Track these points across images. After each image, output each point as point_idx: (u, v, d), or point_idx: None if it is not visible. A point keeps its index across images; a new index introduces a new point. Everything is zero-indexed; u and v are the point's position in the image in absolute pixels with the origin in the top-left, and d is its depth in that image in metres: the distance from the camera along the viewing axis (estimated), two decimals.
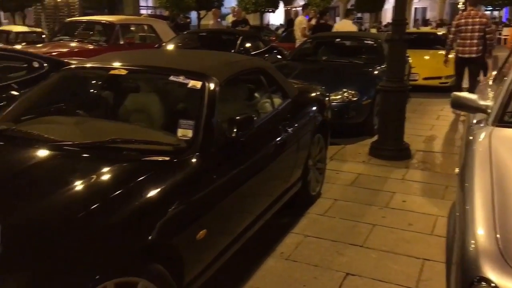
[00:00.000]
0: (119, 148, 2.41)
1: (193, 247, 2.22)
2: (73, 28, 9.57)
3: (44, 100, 3.26)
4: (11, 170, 2.30)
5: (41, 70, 4.68)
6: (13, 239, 1.72)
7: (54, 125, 2.77)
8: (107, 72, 3.08)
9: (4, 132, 2.67)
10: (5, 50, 4.92)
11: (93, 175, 2.16)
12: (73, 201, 1.98)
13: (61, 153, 2.39)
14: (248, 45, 8.42)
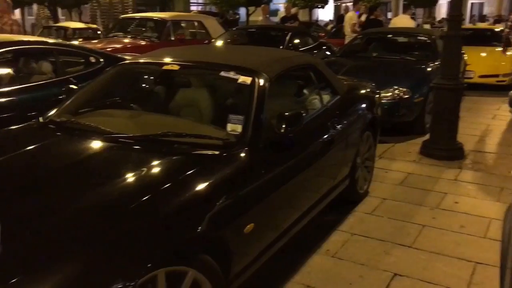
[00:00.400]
0: (171, 141, 2.48)
1: (241, 240, 2.25)
2: (126, 25, 9.88)
3: (100, 94, 3.38)
4: (69, 159, 2.42)
5: (98, 65, 4.86)
6: (70, 226, 1.81)
7: (109, 118, 2.88)
8: (160, 67, 3.17)
9: (63, 124, 2.80)
10: (64, 45, 5.13)
11: (145, 167, 2.24)
12: (127, 192, 2.06)
13: (116, 144, 2.49)
14: (297, 41, 8.39)
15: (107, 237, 1.76)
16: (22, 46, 4.56)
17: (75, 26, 12.10)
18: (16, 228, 1.80)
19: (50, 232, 1.78)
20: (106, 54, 5.27)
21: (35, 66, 4.59)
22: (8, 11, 6.65)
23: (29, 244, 1.72)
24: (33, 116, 3.64)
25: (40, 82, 4.40)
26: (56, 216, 1.88)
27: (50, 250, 1.70)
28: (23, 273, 1.58)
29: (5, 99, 3.94)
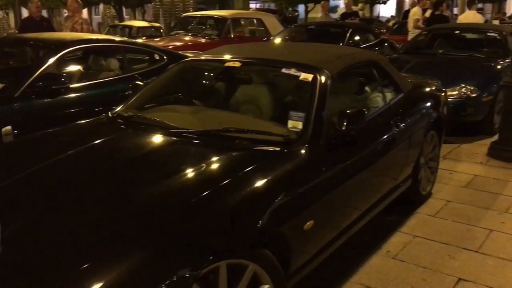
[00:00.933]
0: (232, 137, 2.51)
1: (301, 237, 2.25)
2: (188, 23, 10.11)
3: (164, 90, 3.49)
4: (135, 153, 2.52)
5: (161, 62, 5.01)
6: (135, 217, 1.88)
7: (173, 113, 2.96)
8: (222, 64, 3.22)
9: (130, 118, 2.91)
10: (131, 43, 5.34)
11: (208, 161, 2.29)
12: (190, 186, 2.12)
13: (180, 139, 2.56)
14: (357, 38, 8.23)
15: (170, 229, 1.81)
16: (91, 44, 4.79)
17: (139, 25, 12.55)
18: (85, 218, 1.90)
19: (117, 222, 1.86)
20: (169, 52, 5.42)
21: (103, 63, 4.80)
22: (79, 11, 7.02)
23: (98, 233, 1.80)
24: (100, 111, 3.84)
25: (108, 78, 4.59)
26: (123, 207, 1.96)
27: (117, 238, 1.77)
28: (92, 260, 1.66)
29: (75, 95, 4.14)
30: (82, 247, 1.74)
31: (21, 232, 1.85)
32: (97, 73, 4.74)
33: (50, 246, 1.77)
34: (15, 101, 3.72)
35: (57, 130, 2.96)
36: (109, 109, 3.14)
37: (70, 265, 1.66)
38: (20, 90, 3.77)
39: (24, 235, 1.84)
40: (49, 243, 1.79)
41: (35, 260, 1.71)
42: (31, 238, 1.82)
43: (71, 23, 6.93)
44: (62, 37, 4.79)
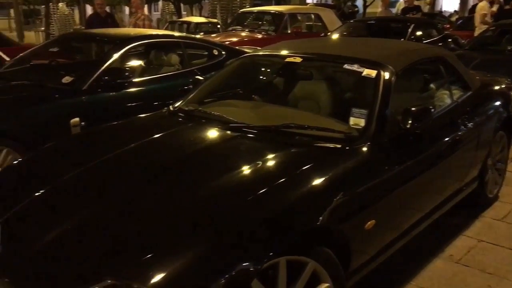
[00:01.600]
0: (292, 133, 2.50)
1: (361, 236, 2.20)
2: (245, 19, 10.16)
3: (224, 84, 3.52)
4: (195, 146, 2.55)
5: (220, 58, 5.06)
6: (195, 211, 1.90)
7: (233, 108, 2.98)
8: (283, 59, 3.20)
9: (191, 113, 2.96)
10: (191, 39, 5.43)
11: (268, 156, 2.28)
12: (250, 180, 2.12)
13: (239, 134, 2.57)
14: (419, 33, 7.95)
15: (230, 224, 1.82)
16: (153, 39, 4.91)
17: (197, 21, 12.75)
18: (147, 209, 1.95)
19: (179, 214, 1.89)
20: (228, 47, 5.47)
21: (164, 58, 4.91)
22: (142, 8, 7.24)
23: (160, 225, 1.84)
24: (159, 105, 3.94)
25: (168, 73, 4.70)
26: (184, 200, 1.99)
27: (179, 231, 1.80)
28: (154, 251, 1.70)
29: (137, 89, 4.26)
30: (145, 238, 1.79)
31: (86, 222, 1.92)
32: (158, 68, 4.86)
33: (113, 235, 1.83)
34: (82, 94, 3.88)
35: (120, 123, 3.05)
36: (169, 103, 3.21)
37: (133, 254, 1.71)
38: (87, 83, 3.93)
39: (89, 225, 1.91)
40: (112, 232, 1.85)
41: (99, 248, 1.77)
42: (96, 228, 1.89)
43: (134, 19, 7.17)
44: (127, 33, 4.95)
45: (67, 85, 3.94)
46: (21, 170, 2.57)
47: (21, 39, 17.76)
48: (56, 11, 17.48)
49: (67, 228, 1.89)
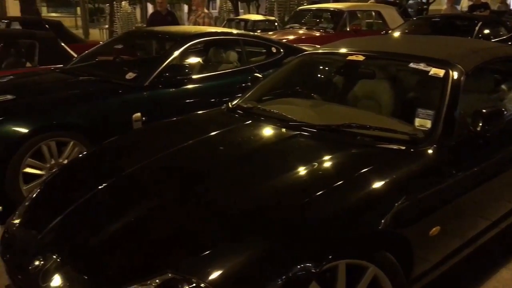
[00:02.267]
0: (354, 133, 2.44)
1: (425, 243, 2.12)
2: (302, 16, 10.08)
3: (283, 82, 3.50)
4: (254, 144, 2.56)
5: (278, 55, 5.04)
6: (253, 209, 1.89)
7: (292, 106, 2.95)
8: (344, 57, 3.13)
9: (249, 110, 2.96)
10: (250, 36, 5.45)
11: (328, 156, 2.25)
12: (310, 181, 2.09)
13: (299, 132, 2.53)
14: (487, 31, 7.57)
15: (289, 224, 1.80)
16: (213, 37, 4.97)
17: (255, 18, 12.80)
18: (205, 206, 1.97)
19: (237, 213, 1.90)
20: (286, 45, 5.44)
21: (223, 55, 4.95)
22: (202, 5, 7.34)
23: (219, 222, 1.86)
24: (217, 102, 3.98)
25: (227, 70, 4.74)
26: (242, 198, 2.00)
27: (237, 229, 1.81)
28: (213, 248, 1.72)
29: (196, 85, 4.32)
30: (205, 234, 1.81)
31: (148, 215, 1.96)
32: (217, 65, 4.91)
33: (174, 229, 1.87)
34: (144, 90, 3.99)
35: (179, 120, 3.10)
36: (227, 100, 3.23)
37: (193, 250, 1.73)
38: (149, 79, 4.03)
39: (150, 218, 1.95)
40: (173, 226, 1.88)
41: (160, 241, 1.81)
42: (157, 221, 1.93)
43: (194, 17, 7.28)
44: (187, 31, 5.03)
45: (130, 81, 4.07)
46: (86, 163, 2.67)
47: (87, 36, 18.60)
48: (119, 10, 18.16)
49: (130, 220, 1.94)
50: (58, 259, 1.86)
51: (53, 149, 3.50)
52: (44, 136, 3.42)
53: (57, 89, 4.04)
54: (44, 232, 2.01)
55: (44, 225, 2.05)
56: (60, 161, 3.53)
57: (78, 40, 9.06)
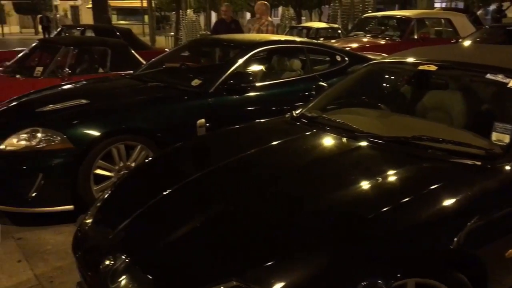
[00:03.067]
0: (424, 146, 2.34)
1: (500, 265, 1.99)
2: (367, 24, 9.91)
3: (349, 92, 3.44)
4: (318, 154, 2.53)
5: (343, 64, 4.97)
6: (319, 220, 1.86)
7: (358, 116, 2.89)
8: (415, 67, 3.03)
9: (314, 119, 2.92)
10: (314, 44, 5.41)
11: (396, 170, 2.17)
12: (377, 194, 2.03)
13: (366, 144, 2.47)
14: None
15: (356, 238, 1.76)
16: (278, 45, 4.98)
17: (318, 26, 12.74)
18: (269, 215, 1.96)
19: (302, 223, 1.87)
20: (351, 53, 5.35)
21: (286, 63, 4.95)
22: (266, 13, 7.40)
23: (284, 232, 1.84)
24: (281, 110, 3.97)
25: (290, 78, 4.73)
26: (307, 208, 1.97)
27: (303, 239, 1.78)
28: (278, 258, 1.70)
29: (259, 93, 4.33)
30: (270, 243, 1.80)
31: (213, 222, 1.98)
32: (280, 73, 4.92)
33: (239, 237, 1.87)
34: (209, 96, 4.06)
35: (243, 127, 3.12)
36: (290, 108, 3.21)
37: (258, 259, 1.72)
38: (214, 86, 4.10)
39: (215, 225, 1.96)
40: (239, 234, 1.89)
41: (226, 248, 1.82)
42: (222, 229, 1.94)
43: (258, 25, 7.35)
44: (252, 39, 5.08)
45: (196, 88, 4.16)
46: (154, 167, 2.75)
47: (153, 43, 19.31)
48: (184, 18, 18.71)
49: (197, 225, 1.97)
50: (127, 259, 1.91)
51: (122, 152, 3.63)
52: (114, 139, 3.56)
53: (127, 95, 4.20)
54: (114, 233, 2.08)
55: (115, 225, 2.12)
56: (128, 163, 3.66)
57: (146, 47, 9.44)
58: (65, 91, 4.48)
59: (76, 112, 3.67)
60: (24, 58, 6.09)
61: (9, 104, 4.13)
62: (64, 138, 3.37)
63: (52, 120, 3.55)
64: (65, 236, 3.26)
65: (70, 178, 3.39)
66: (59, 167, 3.37)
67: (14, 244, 3.18)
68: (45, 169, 3.35)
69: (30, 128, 3.42)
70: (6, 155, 3.37)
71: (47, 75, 5.36)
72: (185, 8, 19.97)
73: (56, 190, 3.39)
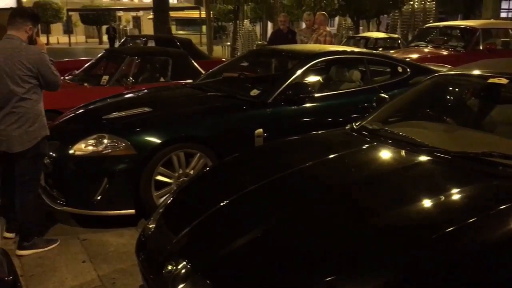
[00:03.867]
0: (495, 162, 2.24)
1: None
2: (428, 34, 9.63)
3: (413, 104, 3.34)
4: (380, 169, 2.47)
5: (404, 75, 4.85)
6: (377, 238, 1.81)
7: (423, 130, 2.81)
8: (485, 80, 2.91)
9: (376, 132, 2.86)
10: (374, 55, 5.33)
11: (464, 187, 2.10)
12: (442, 214, 1.95)
13: (430, 159, 2.39)
14: None
15: (415, 258, 1.69)
16: (337, 56, 4.94)
17: (377, 36, 12.52)
18: (326, 230, 1.92)
19: (360, 240, 1.82)
20: (414, 65, 5.21)
21: (346, 74, 4.89)
22: (325, 24, 7.37)
23: (341, 248, 1.80)
24: (339, 121, 3.92)
25: (349, 89, 4.67)
26: (365, 226, 1.92)
27: (362, 257, 1.74)
28: (337, 274, 1.67)
29: (317, 104, 4.29)
30: (329, 257, 1.77)
31: (270, 234, 1.96)
32: (339, 84, 4.87)
33: (297, 250, 1.85)
34: (267, 107, 4.08)
35: (301, 138, 3.10)
36: (350, 119, 3.16)
37: (316, 272, 1.70)
38: (272, 96, 4.12)
39: (272, 237, 1.95)
40: (296, 247, 1.86)
41: (282, 261, 1.80)
42: (280, 241, 1.92)
43: (316, 35, 7.33)
44: (312, 49, 5.07)
45: (255, 98, 4.19)
46: (213, 176, 2.78)
47: (210, 53, 19.73)
48: (241, 28, 19.01)
49: (256, 237, 1.96)
50: (188, 265, 1.94)
51: (182, 159, 3.71)
52: (175, 147, 3.65)
53: (188, 104, 4.31)
54: (176, 239, 2.12)
55: (177, 232, 2.16)
56: (187, 171, 3.74)
57: (205, 56, 9.65)
58: (129, 99, 4.66)
59: (140, 120, 3.80)
60: (92, 67, 6.40)
61: (77, 111, 4.35)
62: (128, 145, 3.50)
63: (117, 127, 3.70)
64: (126, 239, 3.38)
65: (133, 183, 3.50)
66: (123, 172, 3.49)
67: (79, 244, 3.33)
68: (110, 174, 3.48)
69: (97, 134, 3.58)
70: (75, 159, 3.54)
71: (112, 83, 5.59)
72: (242, 18, 20.29)
73: (119, 195, 3.52)
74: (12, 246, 3.25)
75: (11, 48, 3.00)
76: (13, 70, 2.96)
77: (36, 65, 3.01)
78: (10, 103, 2.99)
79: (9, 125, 3.02)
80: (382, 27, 22.75)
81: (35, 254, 3.18)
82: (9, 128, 3.02)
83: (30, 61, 2.99)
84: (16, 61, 2.97)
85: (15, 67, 2.96)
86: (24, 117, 3.03)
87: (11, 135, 3.03)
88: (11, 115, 3.01)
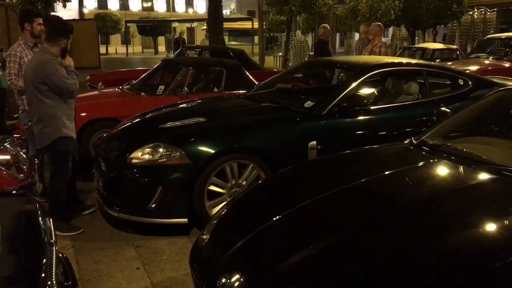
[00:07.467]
0: None
1: None
2: (489, 45, 9.24)
3: (476, 119, 3.19)
4: (441, 187, 2.38)
5: (465, 88, 4.64)
6: (431, 264, 1.73)
7: (488, 147, 2.68)
8: None
9: (437, 147, 2.74)
10: (433, 67, 5.14)
11: None
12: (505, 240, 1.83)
13: (498, 177, 2.26)
14: None
15: None
16: (394, 67, 4.79)
17: (434, 47, 12.12)
18: (381, 250, 1.86)
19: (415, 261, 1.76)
20: (476, 77, 4.98)
21: (403, 86, 4.74)
22: (380, 35, 7.21)
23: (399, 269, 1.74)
24: (394, 135, 3.80)
25: (406, 102, 4.52)
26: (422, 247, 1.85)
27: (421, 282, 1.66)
28: None
29: (372, 116, 4.18)
30: (386, 276, 1.71)
31: (326, 249, 1.92)
32: (395, 96, 4.72)
33: (353, 268, 1.79)
34: (322, 119, 4.01)
35: (357, 152, 3.03)
36: (407, 134, 3.05)
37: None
38: (327, 108, 4.05)
39: (329, 253, 1.90)
40: (352, 266, 1.81)
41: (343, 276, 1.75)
42: (338, 257, 1.88)
43: (371, 46, 7.18)
44: (368, 61, 4.96)
45: (309, 109, 4.14)
46: (267, 189, 2.75)
47: (262, 63, 19.84)
48: (293, 38, 19.00)
49: (312, 253, 1.92)
50: (241, 278, 1.92)
51: (235, 170, 3.71)
52: (228, 157, 3.66)
53: (241, 115, 4.32)
54: (230, 251, 2.10)
55: (230, 244, 2.15)
56: (240, 181, 3.73)
57: (257, 67, 9.69)
58: (184, 109, 4.74)
59: (195, 130, 3.85)
60: (148, 77, 6.57)
61: (134, 120, 4.46)
62: (183, 154, 3.54)
63: (173, 137, 3.76)
64: (179, 247, 3.41)
65: (186, 192, 3.54)
66: (177, 182, 3.54)
67: (134, 251, 3.39)
68: (165, 183, 3.53)
69: (153, 143, 3.65)
70: (132, 167, 3.62)
71: (168, 93, 5.71)
72: (295, 29, 20.30)
73: (173, 203, 3.56)
74: (70, 250, 3.36)
75: (39, 60, 3.53)
76: (32, 78, 3.52)
77: (43, 73, 3.46)
78: (34, 105, 3.59)
79: (33, 124, 3.69)
80: (439, 37, 22.04)
81: (92, 260, 3.27)
82: (33, 126, 3.71)
83: (39, 70, 3.48)
84: (35, 70, 3.51)
85: (34, 75, 3.50)
86: (40, 118, 3.59)
87: (34, 133, 3.72)
88: (34, 116, 3.65)
